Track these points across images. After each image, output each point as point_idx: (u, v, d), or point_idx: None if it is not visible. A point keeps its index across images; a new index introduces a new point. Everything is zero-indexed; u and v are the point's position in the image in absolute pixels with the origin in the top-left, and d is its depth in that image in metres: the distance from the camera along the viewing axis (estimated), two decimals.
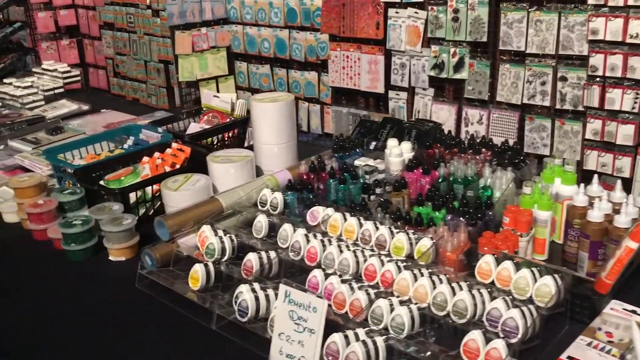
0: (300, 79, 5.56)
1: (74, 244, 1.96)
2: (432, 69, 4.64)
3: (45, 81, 3.52)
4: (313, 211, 1.89)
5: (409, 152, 2.04)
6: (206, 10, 5.82)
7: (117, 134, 2.66)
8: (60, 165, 2.34)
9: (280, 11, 5.49)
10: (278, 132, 2.27)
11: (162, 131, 2.57)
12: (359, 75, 5.11)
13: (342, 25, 5.07)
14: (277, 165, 2.31)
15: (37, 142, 2.87)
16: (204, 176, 2.15)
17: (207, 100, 2.84)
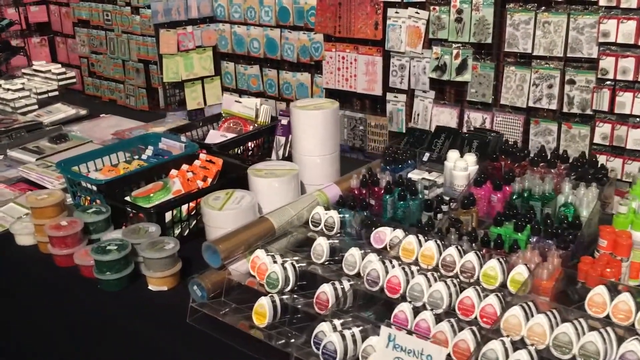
0: (292, 80, 5.34)
1: (110, 272, 1.71)
2: (434, 71, 4.48)
3: (38, 83, 3.21)
4: (379, 233, 1.69)
5: (473, 165, 1.87)
6: (192, 8, 5.54)
7: (134, 144, 2.40)
8: (81, 180, 2.07)
9: (271, 10, 5.25)
10: (322, 142, 2.06)
11: (186, 140, 2.33)
12: (356, 76, 4.92)
13: (338, 25, 4.86)
14: (320, 178, 2.10)
15: (40, 151, 2.58)
16: (248, 192, 1.92)
17: (228, 105, 2.61)
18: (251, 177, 1.97)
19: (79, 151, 2.53)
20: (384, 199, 1.90)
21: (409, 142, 2.11)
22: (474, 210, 1.76)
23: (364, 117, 5.00)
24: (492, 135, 2.01)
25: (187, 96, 5.72)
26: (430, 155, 2.01)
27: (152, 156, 2.34)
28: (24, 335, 1.90)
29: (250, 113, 2.54)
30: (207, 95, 5.83)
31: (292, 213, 1.83)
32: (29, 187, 2.39)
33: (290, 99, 5.40)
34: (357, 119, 5.04)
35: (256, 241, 1.75)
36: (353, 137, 5.09)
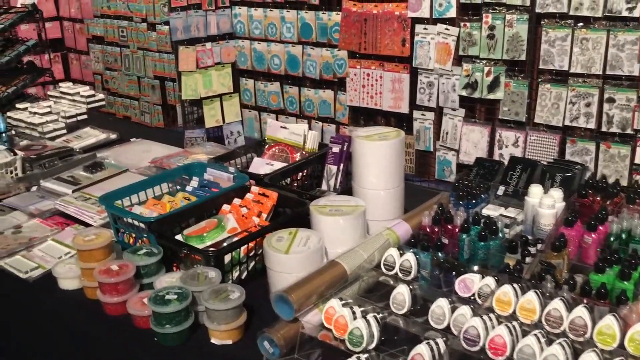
0: (314, 97, 5.18)
1: (169, 325, 1.53)
2: (464, 89, 4.33)
3: (65, 106, 3.04)
4: (465, 280, 1.52)
5: (560, 202, 1.70)
6: (211, 24, 5.38)
7: (177, 174, 2.23)
8: (129, 217, 1.89)
9: (293, 26, 5.10)
10: (387, 175, 1.89)
11: (235, 171, 2.15)
12: (381, 94, 4.77)
13: (363, 41, 4.71)
14: (383, 213, 1.92)
15: (76, 181, 2.40)
16: (313, 232, 1.75)
17: (273, 132, 2.43)
18: (315, 215, 1.79)
19: (116, 182, 2.35)
20: (460, 238, 1.73)
21: (479, 174, 1.93)
22: (565, 253, 1.60)
23: None
24: (577, 167, 1.84)
25: (206, 114, 5.56)
26: (506, 189, 1.84)
27: (197, 188, 2.16)
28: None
29: (297, 140, 2.37)
30: (225, 112, 5.67)
31: (364, 256, 1.66)
32: (65, 221, 2.21)
33: (312, 116, 5.24)
34: None
35: (328, 289, 1.58)
36: None
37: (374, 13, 4.59)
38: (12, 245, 2.05)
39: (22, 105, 3.00)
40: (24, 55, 3.10)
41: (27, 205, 2.32)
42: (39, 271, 1.92)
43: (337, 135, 2.32)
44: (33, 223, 2.19)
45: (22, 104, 3.01)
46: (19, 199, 2.38)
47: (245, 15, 5.37)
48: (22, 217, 2.25)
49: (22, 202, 2.36)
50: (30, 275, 1.90)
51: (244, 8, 5.36)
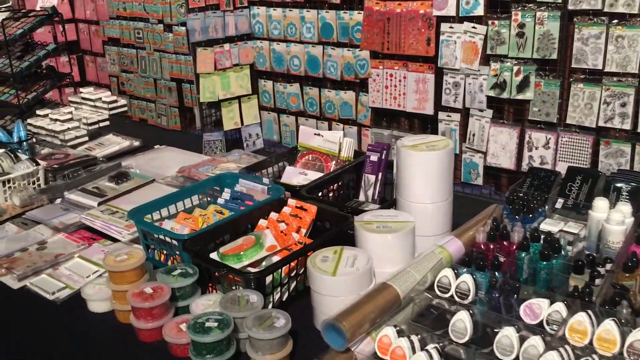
0: (335, 98, 5.05)
1: (210, 354, 1.41)
2: (492, 89, 4.18)
3: (86, 112, 2.93)
4: (532, 305, 1.38)
5: (629, 217, 1.56)
6: (229, 25, 5.26)
7: (208, 186, 2.10)
8: (162, 234, 1.77)
9: (313, 26, 4.97)
10: (436, 187, 1.76)
11: (269, 182, 2.03)
12: (405, 95, 4.62)
13: (386, 41, 4.57)
14: (430, 228, 1.79)
15: (101, 193, 2.28)
16: (359, 251, 1.62)
17: (306, 139, 2.30)
18: (361, 232, 1.66)
19: (143, 193, 2.23)
20: (518, 256, 1.60)
21: (534, 185, 1.80)
22: (638, 274, 1.46)
23: None
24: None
25: (224, 116, 5.45)
26: (565, 202, 1.70)
27: (229, 200, 2.03)
28: None
29: (332, 148, 2.24)
30: (244, 114, 5.55)
31: (416, 277, 1.53)
32: (91, 236, 2.09)
33: (333, 118, 5.11)
34: None
35: (381, 314, 1.45)
36: None
37: (397, 12, 4.45)
38: (38, 262, 1.93)
39: (43, 111, 2.89)
40: (44, 60, 2.99)
41: (51, 218, 2.21)
42: (66, 292, 1.80)
43: (375, 143, 2.18)
44: (58, 238, 2.08)
45: (42, 111, 2.89)
46: (42, 212, 2.27)
47: (263, 16, 5.25)
48: (46, 232, 2.13)
49: (46, 214, 2.24)
50: (58, 297, 1.79)
51: (262, 8, 5.23)
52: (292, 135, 5.43)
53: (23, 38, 2.93)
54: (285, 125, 5.46)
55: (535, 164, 4.16)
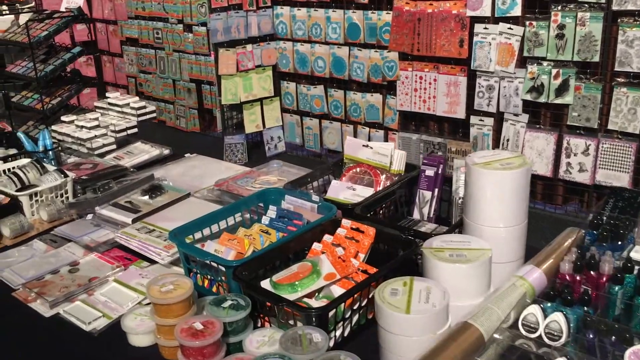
0: (361, 101, 4.86)
1: None
2: (528, 92, 3.98)
3: (114, 119, 2.76)
4: (639, 353, 1.21)
5: None
6: (252, 25, 5.08)
7: (251, 203, 1.93)
8: (209, 259, 1.60)
9: (339, 26, 4.78)
10: (510, 210, 1.58)
11: (320, 199, 1.85)
12: (435, 98, 4.44)
13: (416, 42, 4.38)
14: (502, 255, 1.61)
15: (135, 208, 2.11)
16: (432, 283, 1.44)
17: (353, 150, 2.13)
18: (432, 260, 1.48)
19: (179, 209, 2.07)
20: (610, 290, 1.42)
21: (618, 208, 1.62)
22: None
23: (443, 142, 4.51)
24: None
25: (246, 119, 5.27)
26: None
27: (276, 219, 1.86)
28: None
29: (383, 161, 2.06)
30: (265, 117, 5.38)
31: (500, 315, 1.35)
32: (125, 255, 1.93)
33: (358, 121, 4.93)
34: (436, 143, 4.55)
35: (464, 359, 1.28)
36: None
37: (428, 12, 4.26)
38: (70, 287, 1.77)
39: (68, 117, 2.72)
40: (69, 63, 2.83)
41: (82, 235, 2.05)
42: (103, 321, 1.64)
43: (430, 157, 2.00)
44: (91, 259, 1.91)
45: (67, 117, 2.73)
46: (71, 228, 2.11)
47: (287, 16, 5.07)
48: (77, 250, 1.97)
49: (76, 231, 2.08)
50: (95, 327, 1.62)
51: (286, 8, 5.05)
52: (315, 139, 5.26)
53: (47, 41, 2.77)
54: (309, 128, 5.28)
55: (573, 171, 3.97)
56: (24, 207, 2.08)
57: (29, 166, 2.26)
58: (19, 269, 1.85)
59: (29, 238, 2.07)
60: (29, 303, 1.72)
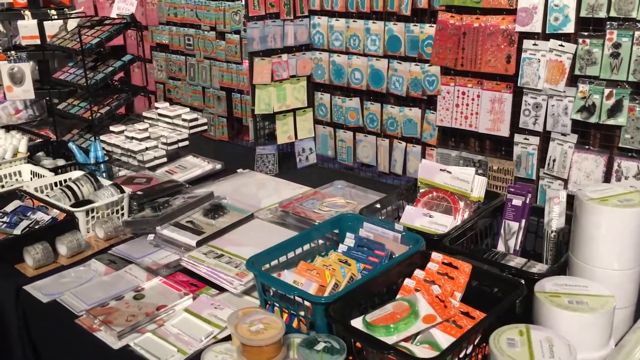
0: (399, 115, 4.73)
1: None
2: (578, 112, 3.84)
3: (164, 130, 2.63)
4: None
5: None
6: (288, 35, 4.97)
7: (327, 229, 1.80)
8: (296, 294, 1.46)
9: (379, 38, 4.66)
10: (629, 252, 1.44)
11: (403, 228, 1.71)
12: (477, 114, 4.30)
13: (460, 57, 4.25)
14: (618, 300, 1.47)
15: (197, 229, 1.98)
16: (552, 333, 1.29)
17: (429, 174, 1.99)
18: (548, 308, 1.33)
19: (245, 232, 1.93)
20: None
21: None
22: None
23: (484, 160, 4.37)
24: None
25: (278, 129, 5.15)
26: None
27: (354, 248, 1.73)
28: None
29: (463, 187, 1.92)
30: (298, 128, 5.26)
31: None
32: (190, 280, 1.79)
33: (394, 136, 4.79)
34: (476, 161, 4.41)
35: None
36: None
37: (474, 26, 4.13)
38: (138, 316, 1.63)
39: (117, 128, 2.60)
40: (119, 72, 2.70)
41: (142, 256, 1.91)
42: (179, 357, 1.50)
43: (517, 185, 1.86)
44: (156, 284, 1.78)
45: (116, 127, 2.60)
46: (130, 248, 1.97)
47: (324, 26, 4.95)
48: (139, 273, 1.84)
49: (135, 251, 1.95)
50: None
51: (323, 18, 4.93)
52: (349, 152, 5.13)
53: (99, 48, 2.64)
54: (342, 140, 5.15)
55: None
56: (79, 223, 1.94)
57: (83, 180, 2.14)
58: (80, 293, 1.72)
59: (86, 257, 1.94)
60: (95, 332, 1.59)
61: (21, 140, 2.33)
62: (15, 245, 1.85)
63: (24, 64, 2.77)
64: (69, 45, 2.57)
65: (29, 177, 2.33)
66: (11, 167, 2.29)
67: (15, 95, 2.78)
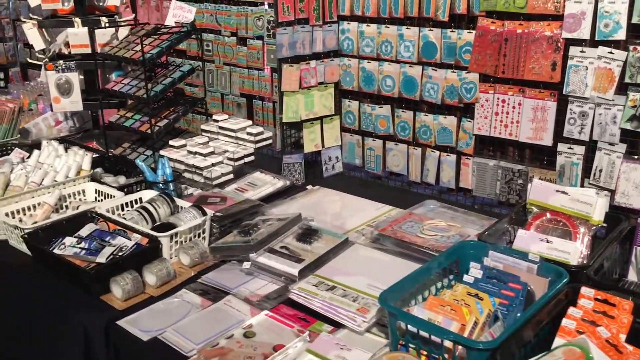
0: (433, 123, 4.59)
1: None
2: (628, 121, 3.72)
3: (228, 145, 2.46)
4: None
5: None
6: (317, 41, 4.81)
7: (449, 259, 1.64)
8: (449, 337, 1.30)
9: (413, 45, 4.51)
10: None
11: (538, 259, 1.56)
12: (518, 123, 4.18)
13: (501, 63, 4.12)
14: None
15: (295, 256, 1.79)
16: None
17: (543, 196, 1.84)
18: None
19: (350, 259, 1.77)
20: None
21: None
22: None
23: (524, 170, 4.24)
24: None
25: (305, 137, 4.98)
26: None
27: (482, 279, 1.58)
28: None
29: (584, 209, 1.78)
30: (325, 136, 5.10)
31: None
32: (299, 314, 1.62)
33: (428, 144, 4.65)
34: (516, 171, 4.28)
35: None
36: (508, 191, 4.32)
37: (517, 32, 4.01)
38: (255, 358, 1.46)
39: (177, 142, 2.42)
40: (179, 83, 2.53)
41: (237, 286, 1.74)
42: None
43: None
44: (263, 319, 1.61)
45: (177, 141, 2.42)
46: (221, 277, 1.80)
47: (354, 32, 4.80)
48: (240, 306, 1.66)
49: (228, 280, 1.77)
50: None
51: (353, 24, 4.78)
52: (377, 160, 4.98)
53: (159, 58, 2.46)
54: (370, 149, 5.00)
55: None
56: (163, 250, 1.77)
57: (159, 200, 1.95)
58: (183, 329, 1.54)
59: (175, 287, 1.76)
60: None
61: (85, 157, 2.15)
62: (102, 275, 1.67)
63: (72, 74, 2.58)
64: (126, 55, 2.39)
65: (93, 196, 2.15)
66: (75, 186, 2.10)
67: (62, 107, 2.59)
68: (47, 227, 1.74)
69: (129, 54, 2.38)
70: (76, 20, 2.65)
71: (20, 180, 1.97)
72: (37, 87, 3.37)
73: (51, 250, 1.65)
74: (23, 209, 1.91)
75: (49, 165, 2.07)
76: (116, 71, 2.90)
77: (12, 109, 2.44)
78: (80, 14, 2.73)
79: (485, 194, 4.40)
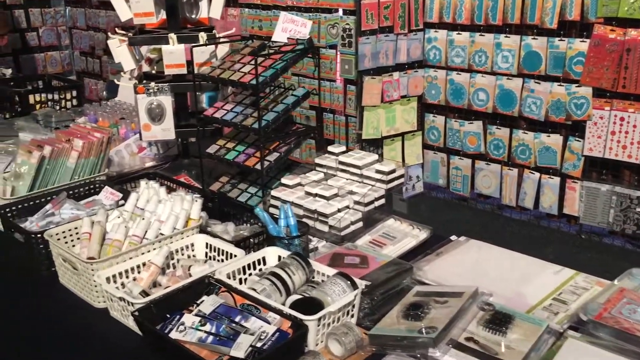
0: (533, 142, 4.05)
1: None
2: None
3: (353, 185, 1.98)
4: None
5: None
6: (401, 51, 4.32)
7: None
8: None
9: (513, 55, 3.99)
10: None
11: None
12: (639, 144, 3.62)
13: (621, 76, 3.57)
14: None
15: (489, 355, 1.34)
16: None
17: None
18: None
19: None
20: None
21: None
22: None
23: None
24: None
25: (385, 155, 4.50)
26: None
27: None
28: None
29: None
30: (406, 153, 4.61)
31: None
32: None
33: (526, 165, 4.12)
34: (634, 197, 3.72)
35: None
36: (623, 220, 3.76)
37: None
38: None
39: (291, 180, 1.95)
40: (293, 109, 2.07)
41: None
42: None
43: None
44: None
45: (290, 179, 1.96)
46: None
47: (443, 40, 4.29)
48: None
49: None
50: None
51: (442, 32, 4.27)
52: (465, 181, 4.45)
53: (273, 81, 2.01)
54: (457, 168, 4.48)
55: None
56: (309, 337, 1.30)
57: (293, 265, 1.49)
58: None
59: None
60: None
61: (193, 203, 1.70)
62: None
63: (164, 97, 2.15)
64: (232, 77, 1.94)
65: (203, 252, 1.70)
66: (183, 239, 1.66)
67: (153, 136, 2.17)
68: (161, 301, 1.29)
69: (236, 76, 1.92)
70: (171, 37, 2.22)
71: (119, 233, 1.53)
72: (115, 108, 2.97)
73: (167, 332, 1.20)
74: (126, 271, 1.46)
75: (151, 213, 1.62)
76: (207, 92, 2.47)
77: (100, 140, 2.02)
78: (174, 29, 2.29)
79: (595, 222, 3.85)
